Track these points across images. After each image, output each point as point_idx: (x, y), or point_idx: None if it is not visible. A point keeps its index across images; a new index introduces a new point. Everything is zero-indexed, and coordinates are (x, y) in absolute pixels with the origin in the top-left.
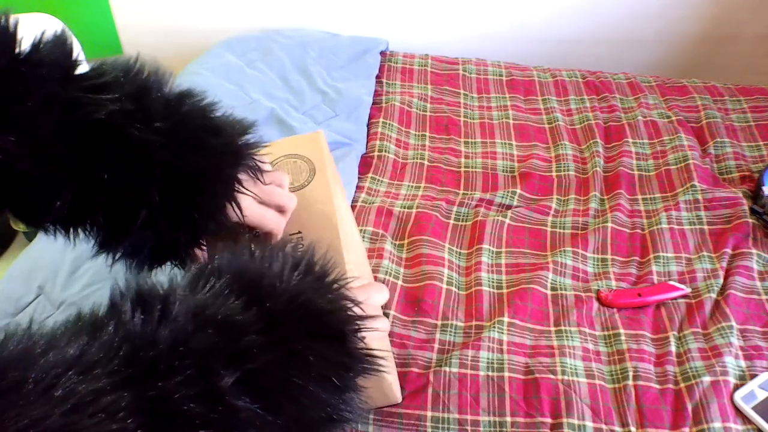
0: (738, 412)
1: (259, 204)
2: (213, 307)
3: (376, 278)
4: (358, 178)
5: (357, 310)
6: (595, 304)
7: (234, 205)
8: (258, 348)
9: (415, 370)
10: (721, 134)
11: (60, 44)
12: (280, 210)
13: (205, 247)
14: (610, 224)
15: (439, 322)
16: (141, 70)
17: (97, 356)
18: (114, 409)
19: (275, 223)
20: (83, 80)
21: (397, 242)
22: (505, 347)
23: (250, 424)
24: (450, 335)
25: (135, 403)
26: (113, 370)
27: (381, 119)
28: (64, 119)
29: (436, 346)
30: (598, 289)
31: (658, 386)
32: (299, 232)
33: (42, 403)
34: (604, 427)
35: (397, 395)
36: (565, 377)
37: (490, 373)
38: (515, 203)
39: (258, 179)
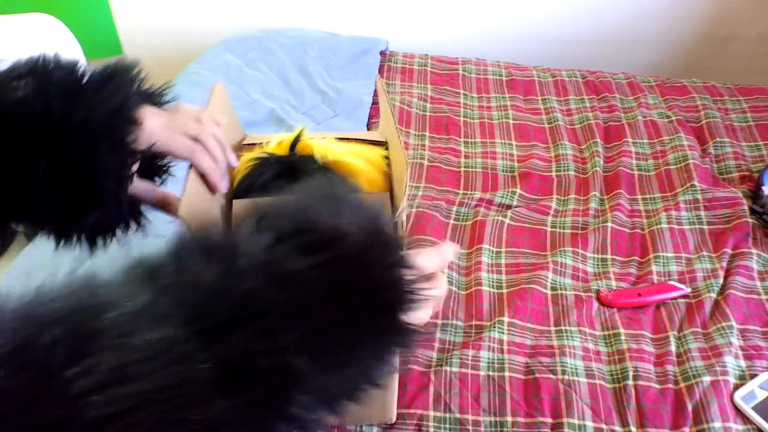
0: (738, 412)
1: (167, 129)
2: (278, 263)
3: None
4: None
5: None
6: (595, 304)
7: (134, 128)
8: (319, 306)
9: (417, 368)
10: (720, 134)
11: None
12: (194, 139)
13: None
14: (610, 224)
15: (439, 322)
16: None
17: (167, 306)
18: (189, 357)
19: (187, 148)
20: None
21: None
22: (505, 347)
23: (308, 380)
24: (450, 335)
25: (206, 353)
26: (184, 320)
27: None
28: None
29: (437, 345)
30: (598, 289)
31: (658, 386)
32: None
33: (122, 350)
34: (604, 426)
35: (393, 413)
36: (566, 377)
37: (490, 373)
38: (515, 203)
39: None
